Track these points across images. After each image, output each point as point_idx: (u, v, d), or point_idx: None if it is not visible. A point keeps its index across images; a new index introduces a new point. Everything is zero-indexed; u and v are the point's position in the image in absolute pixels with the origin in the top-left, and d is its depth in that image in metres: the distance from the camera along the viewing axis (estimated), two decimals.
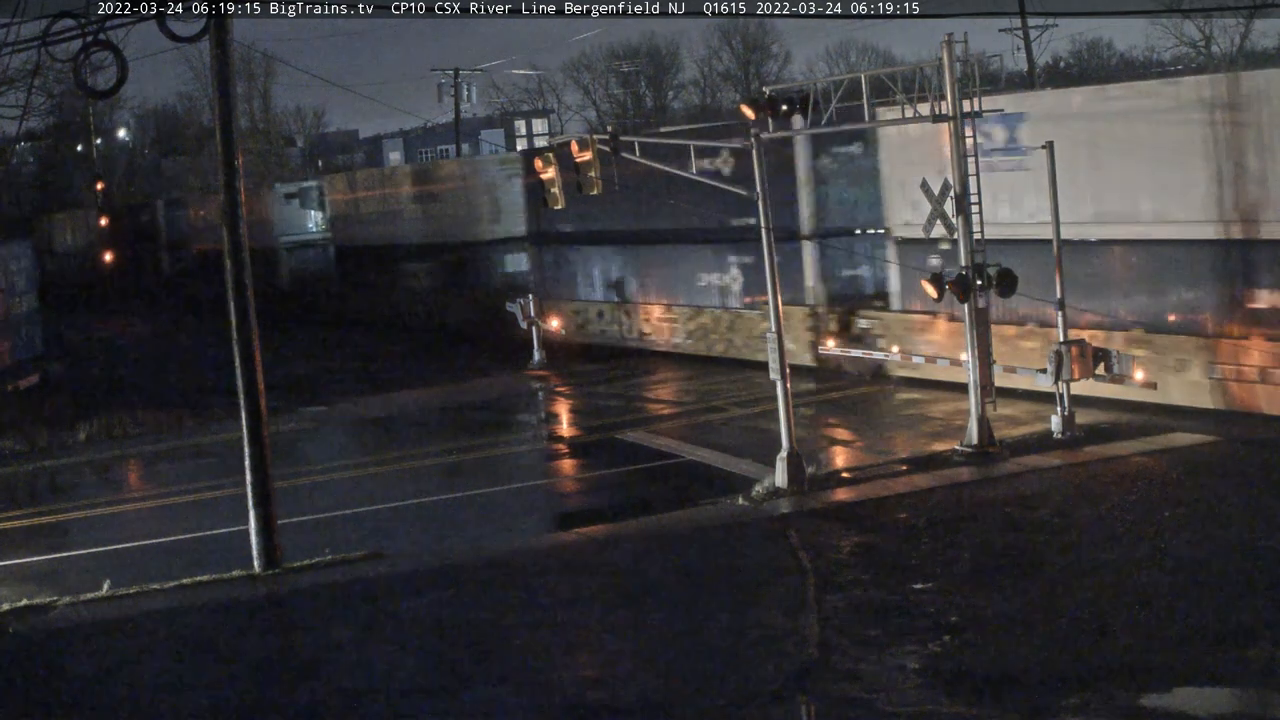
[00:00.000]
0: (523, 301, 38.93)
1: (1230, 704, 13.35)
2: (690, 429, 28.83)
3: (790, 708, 14.12)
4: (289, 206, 59.27)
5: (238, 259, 20.49)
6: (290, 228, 59.41)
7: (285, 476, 23.70)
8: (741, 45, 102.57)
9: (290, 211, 59.35)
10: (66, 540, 23.94)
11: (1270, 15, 54.87)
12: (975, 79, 24.41)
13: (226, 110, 20.44)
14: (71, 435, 32.29)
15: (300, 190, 60.48)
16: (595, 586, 18.50)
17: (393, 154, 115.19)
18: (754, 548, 19.62)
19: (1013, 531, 19.30)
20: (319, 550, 20.56)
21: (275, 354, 32.00)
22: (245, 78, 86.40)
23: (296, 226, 59.47)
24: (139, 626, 17.99)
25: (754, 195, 23.06)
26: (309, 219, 59.43)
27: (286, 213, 59.25)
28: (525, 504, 23.94)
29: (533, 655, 15.91)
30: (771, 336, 22.86)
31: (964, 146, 23.64)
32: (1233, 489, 20.63)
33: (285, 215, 59.29)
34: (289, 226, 59.38)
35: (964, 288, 23.35)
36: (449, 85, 73.57)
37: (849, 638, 15.63)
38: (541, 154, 26.91)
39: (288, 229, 59.26)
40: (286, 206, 59.24)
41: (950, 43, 23.43)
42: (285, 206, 59.26)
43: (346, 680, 15.60)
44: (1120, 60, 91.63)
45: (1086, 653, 14.55)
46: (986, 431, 23.74)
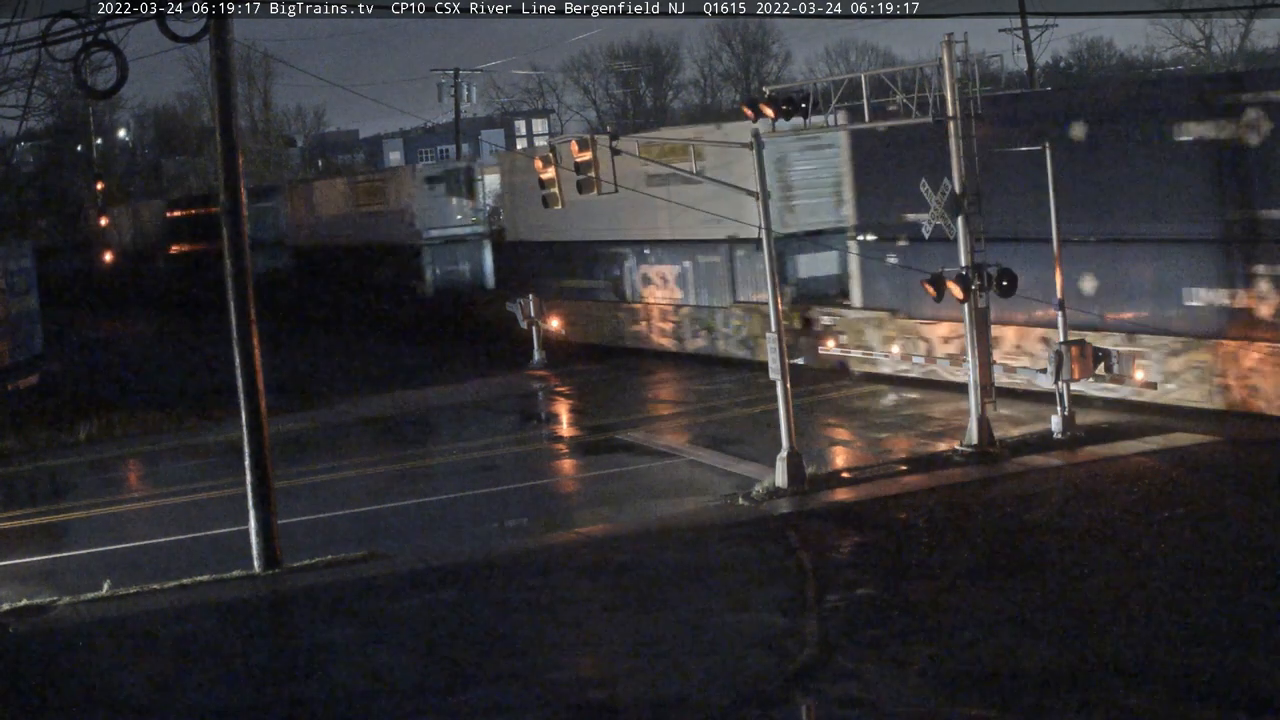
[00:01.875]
0: (523, 301, 38.78)
1: (1230, 704, 13.34)
2: (690, 428, 28.84)
3: (790, 708, 14.12)
4: (432, 193, 49.25)
5: (238, 258, 20.48)
6: (436, 218, 49.40)
7: (285, 476, 23.73)
8: (741, 45, 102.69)
9: (435, 200, 49.41)
10: (66, 540, 23.96)
11: (1270, 15, 54.89)
12: (975, 79, 24.41)
13: (226, 110, 20.44)
14: (73, 435, 32.30)
15: (446, 172, 50.49)
16: (595, 586, 18.50)
17: (393, 154, 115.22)
18: (754, 548, 19.63)
19: (1013, 532, 19.30)
20: (319, 550, 20.57)
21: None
22: (245, 78, 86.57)
23: (443, 217, 49.51)
24: (139, 626, 17.99)
25: (757, 195, 23.08)
26: (457, 209, 49.51)
27: (430, 201, 49.32)
28: (525, 504, 23.93)
29: (533, 655, 15.91)
30: (771, 336, 22.87)
31: (964, 146, 23.63)
32: (1233, 489, 20.63)
33: (429, 204, 49.33)
34: (434, 217, 49.37)
35: (964, 287, 23.34)
36: (449, 85, 73.56)
37: (849, 638, 15.63)
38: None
39: (432, 220, 49.34)
40: (430, 193, 49.22)
41: (950, 43, 23.44)
42: (428, 193, 49.24)
43: (346, 680, 15.61)
44: (1120, 60, 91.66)
45: (1086, 653, 14.55)
46: (986, 431, 23.74)
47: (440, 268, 49.12)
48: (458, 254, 49.29)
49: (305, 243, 57.70)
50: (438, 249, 49.02)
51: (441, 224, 49.08)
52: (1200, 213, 25.12)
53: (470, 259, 49.29)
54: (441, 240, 48.92)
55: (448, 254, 49.21)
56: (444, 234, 48.98)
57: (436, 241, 48.86)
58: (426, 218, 48.85)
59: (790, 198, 34.12)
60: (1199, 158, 25.14)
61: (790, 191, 34.14)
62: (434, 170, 50.96)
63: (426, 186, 49.01)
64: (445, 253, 49.20)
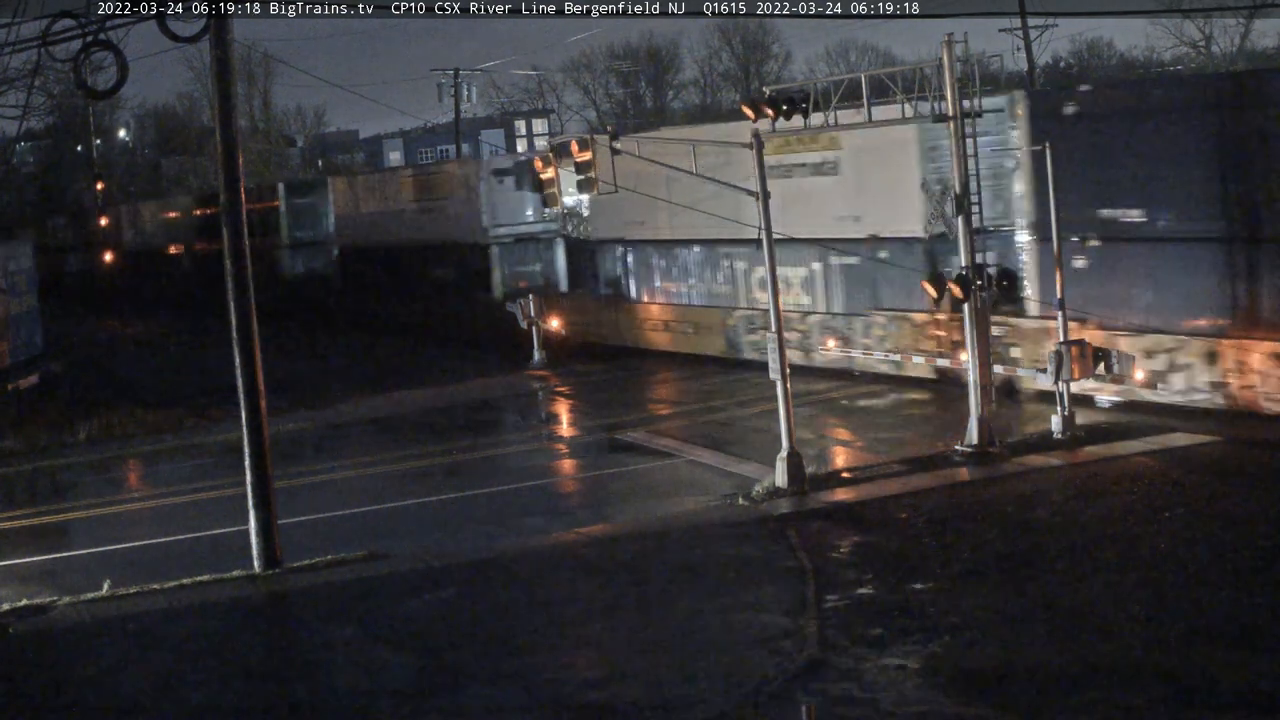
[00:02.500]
0: (523, 301, 38.70)
1: (1230, 704, 13.34)
2: (690, 428, 28.83)
3: (790, 708, 14.12)
4: (502, 187, 44.74)
5: (238, 259, 20.47)
6: (506, 214, 44.96)
7: (285, 476, 23.72)
8: (741, 45, 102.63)
9: (504, 194, 44.88)
10: (66, 540, 23.95)
11: (1270, 15, 54.90)
12: (975, 79, 24.42)
13: (226, 110, 20.44)
14: (73, 435, 32.30)
15: (517, 165, 45.51)
16: (595, 586, 18.49)
17: (393, 154, 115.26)
18: (754, 547, 19.62)
19: (1013, 531, 19.30)
20: (319, 550, 20.56)
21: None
22: (245, 78, 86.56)
23: (513, 214, 44.99)
24: (139, 626, 17.98)
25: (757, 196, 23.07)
26: (529, 204, 44.38)
27: (499, 196, 44.86)
28: (525, 504, 23.92)
29: (533, 655, 15.90)
30: (771, 336, 22.86)
31: (964, 146, 23.64)
32: (1233, 489, 20.63)
33: (498, 199, 44.90)
34: (504, 213, 44.90)
35: (965, 287, 23.35)
36: (449, 85, 73.57)
37: (849, 638, 15.63)
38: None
39: (502, 216, 44.90)
40: (499, 187, 44.78)
41: (950, 43, 23.45)
42: (498, 187, 44.77)
43: (346, 680, 15.61)
44: (1120, 60, 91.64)
45: (1086, 653, 14.55)
46: (986, 431, 23.74)
47: (509, 268, 44.89)
48: (529, 254, 45.08)
49: (354, 241, 53.59)
50: (507, 248, 44.95)
51: (511, 220, 44.88)
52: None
53: (542, 259, 45.13)
54: (511, 239, 44.82)
55: (518, 253, 45.04)
56: (514, 231, 44.85)
57: (506, 240, 44.72)
58: (496, 214, 44.71)
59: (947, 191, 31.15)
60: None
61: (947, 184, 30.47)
62: (504, 162, 46.77)
63: (495, 180, 44.74)
64: (515, 252, 45.07)
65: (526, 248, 44.91)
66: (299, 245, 58.00)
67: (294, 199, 58.61)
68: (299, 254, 58.16)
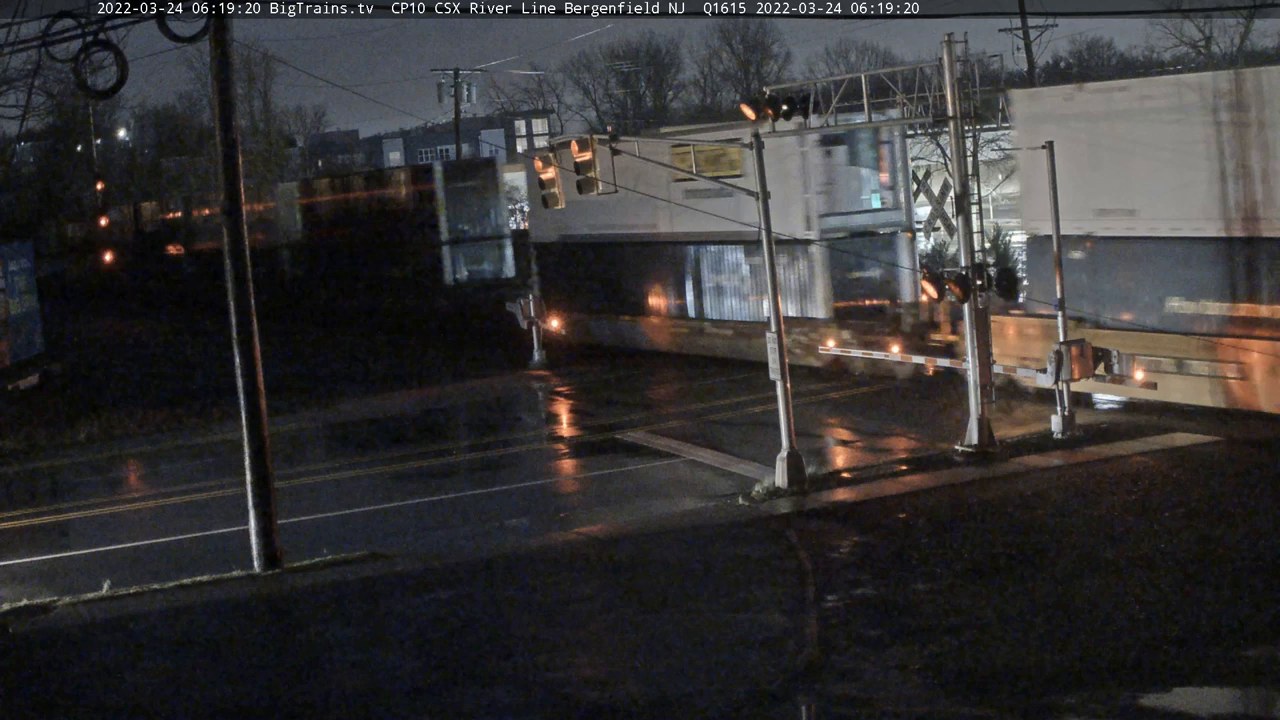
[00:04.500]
0: (523, 301, 38.61)
1: (1230, 704, 13.35)
2: (690, 428, 28.82)
3: (790, 708, 14.12)
4: (829, 162, 33.04)
5: (238, 258, 20.46)
6: (836, 200, 33.26)
7: (285, 476, 23.72)
8: (741, 45, 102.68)
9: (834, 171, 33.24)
10: (66, 540, 23.95)
11: (1270, 15, 54.90)
12: (975, 79, 24.42)
13: (226, 110, 20.44)
14: (73, 435, 32.30)
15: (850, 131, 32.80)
16: (595, 586, 18.50)
17: (393, 154, 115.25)
18: (754, 548, 19.62)
19: (1013, 531, 19.30)
20: (319, 550, 20.56)
21: None
22: (245, 78, 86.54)
23: (843, 199, 33.45)
24: (139, 626, 17.99)
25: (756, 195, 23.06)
26: (865, 185, 33.78)
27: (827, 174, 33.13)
28: (525, 504, 23.92)
29: (533, 655, 15.91)
30: (771, 336, 22.87)
31: (964, 146, 23.65)
32: (1233, 489, 20.63)
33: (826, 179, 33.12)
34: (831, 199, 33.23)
35: (965, 287, 23.36)
36: (449, 85, 73.52)
37: (849, 638, 15.63)
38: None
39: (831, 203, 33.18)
40: (826, 162, 32.98)
41: (950, 43, 23.45)
42: (824, 162, 32.96)
43: (346, 680, 15.60)
44: (1120, 60, 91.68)
45: (1086, 653, 14.55)
46: (986, 431, 23.74)
47: (841, 274, 33.17)
48: (865, 254, 33.56)
49: (555, 237, 41.00)
50: (839, 244, 33.11)
51: (844, 207, 33.19)
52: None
53: (881, 262, 33.68)
54: (844, 233, 33.07)
55: (851, 255, 33.28)
56: (846, 224, 33.18)
57: (838, 234, 32.95)
58: (824, 199, 32.97)
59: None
60: None
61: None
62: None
63: (822, 151, 32.70)
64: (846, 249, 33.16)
65: (862, 247, 33.23)
66: (458, 242, 47.60)
67: (456, 183, 47.87)
68: (459, 251, 47.70)
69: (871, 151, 33.27)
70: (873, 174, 33.39)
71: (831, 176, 33.05)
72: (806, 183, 32.70)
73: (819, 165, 32.78)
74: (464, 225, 47.90)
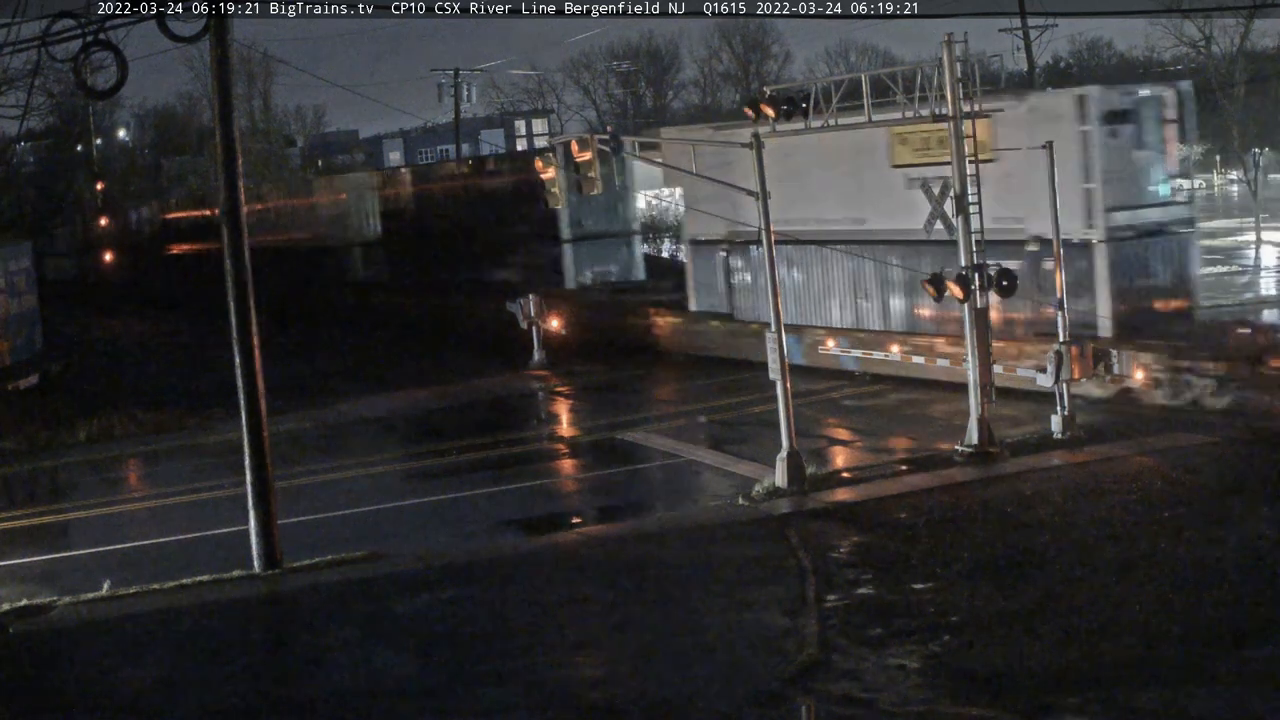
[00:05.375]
0: (523, 301, 38.53)
1: (1230, 704, 13.35)
2: (690, 429, 28.81)
3: (790, 708, 14.11)
4: (1115, 143, 27.48)
5: (237, 259, 20.46)
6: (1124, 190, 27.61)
7: (285, 476, 23.71)
8: (741, 45, 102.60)
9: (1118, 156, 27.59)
10: (66, 540, 23.95)
11: (1270, 15, 54.81)
12: (975, 79, 24.41)
13: (226, 110, 20.44)
14: (73, 435, 32.29)
15: (1139, 104, 28.05)
16: (595, 586, 18.49)
17: (393, 154, 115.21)
18: (754, 548, 19.62)
19: (1013, 531, 19.29)
20: (319, 550, 20.56)
21: None
22: (245, 78, 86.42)
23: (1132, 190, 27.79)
24: (139, 626, 17.98)
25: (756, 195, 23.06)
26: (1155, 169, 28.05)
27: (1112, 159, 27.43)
28: (525, 504, 23.91)
29: (533, 655, 15.90)
30: (771, 336, 22.86)
31: (964, 146, 23.62)
32: (1232, 489, 20.63)
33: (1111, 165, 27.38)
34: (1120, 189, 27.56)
35: (964, 287, 23.34)
36: (449, 85, 73.51)
37: (849, 638, 15.63)
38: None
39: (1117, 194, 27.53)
40: (1112, 143, 27.41)
41: (950, 43, 23.44)
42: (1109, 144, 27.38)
43: (346, 680, 15.60)
44: (1120, 60, 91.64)
45: (1086, 653, 14.55)
46: (986, 431, 23.73)
47: (1129, 280, 27.63)
48: (1152, 257, 28.06)
49: (722, 233, 34.10)
50: (1122, 247, 27.56)
51: (1132, 200, 27.78)
52: None
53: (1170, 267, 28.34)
54: (1131, 233, 27.69)
55: (1137, 257, 27.81)
56: (1134, 220, 27.75)
57: (1125, 234, 27.55)
58: (1109, 188, 27.36)
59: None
60: None
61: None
62: (1120, 101, 28.02)
63: (1107, 131, 27.43)
64: (1134, 255, 27.80)
65: (1148, 248, 27.98)
66: (580, 239, 42.35)
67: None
68: (581, 249, 42.43)
69: (1158, 131, 27.84)
70: (1159, 157, 27.81)
71: (1119, 162, 27.50)
72: (1088, 170, 27.10)
73: (1103, 147, 27.23)
74: (588, 220, 41.93)
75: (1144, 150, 27.65)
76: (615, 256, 41.43)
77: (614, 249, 42.68)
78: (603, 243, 41.70)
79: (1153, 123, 27.78)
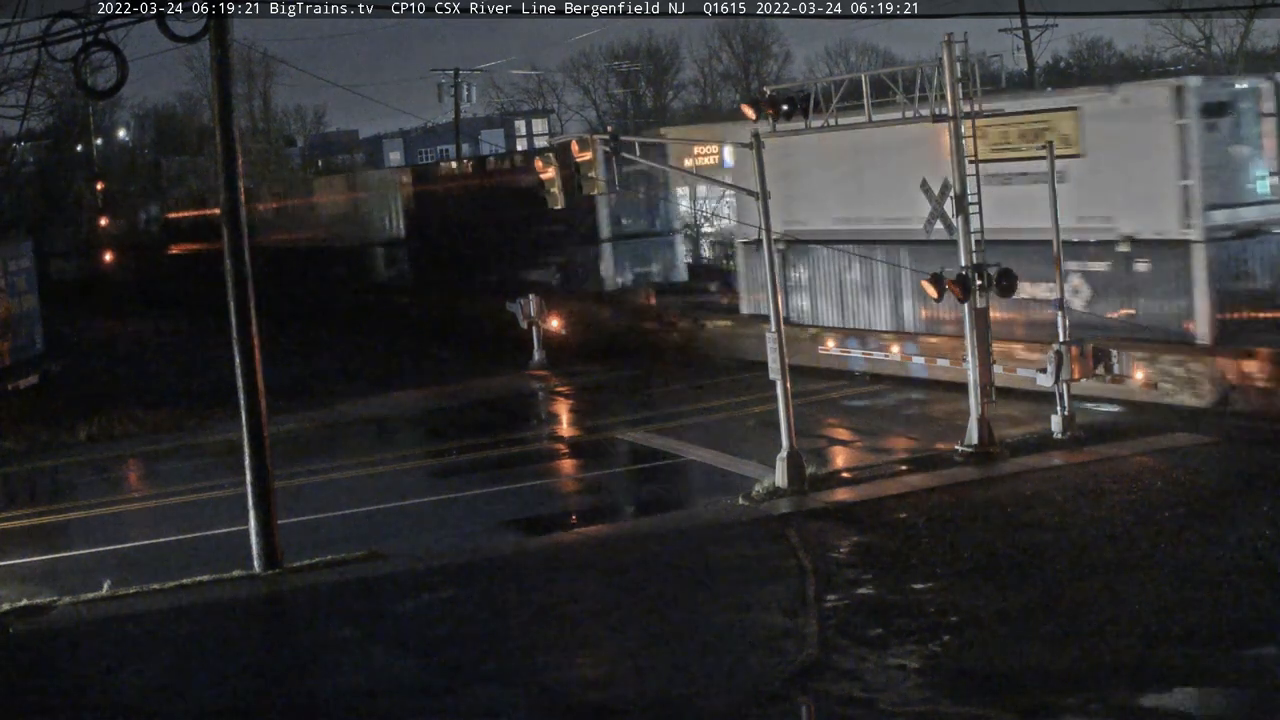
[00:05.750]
0: (523, 301, 38.50)
1: (1230, 704, 13.35)
2: (690, 429, 28.80)
3: (790, 708, 14.11)
4: (1213, 136, 25.88)
5: (237, 259, 20.46)
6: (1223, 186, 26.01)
7: (284, 476, 23.70)
8: (741, 45, 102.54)
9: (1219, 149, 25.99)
10: (66, 540, 23.95)
11: (1270, 15, 54.84)
12: (975, 79, 24.40)
13: (226, 110, 20.45)
14: (73, 435, 32.29)
15: (1237, 95, 26.51)
16: (595, 586, 18.50)
17: (393, 154, 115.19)
18: (754, 548, 19.62)
19: (1013, 531, 19.29)
20: (319, 550, 20.56)
21: None
22: (245, 78, 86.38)
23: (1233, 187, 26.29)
24: (139, 626, 17.99)
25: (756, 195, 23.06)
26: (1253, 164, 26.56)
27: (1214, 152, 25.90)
28: (525, 504, 23.91)
29: (532, 655, 15.91)
30: (771, 336, 22.85)
31: (964, 146, 23.63)
32: (1233, 489, 20.63)
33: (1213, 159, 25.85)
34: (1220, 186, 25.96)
35: (964, 287, 23.33)
36: (449, 85, 73.46)
37: (849, 638, 15.63)
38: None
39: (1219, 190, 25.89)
40: (1209, 136, 25.79)
41: (950, 43, 23.44)
42: (1206, 136, 25.75)
43: (346, 680, 15.60)
44: (1120, 60, 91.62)
45: (1086, 653, 14.55)
46: (987, 431, 23.73)
47: (1227, 283, 26.13)
48: (1259, 260, 26.44)
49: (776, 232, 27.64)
50: (1225, 246, 25.99)
51: (1232, 197, 26.13)
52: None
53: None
54: (1230, 233, 25.99)
55: (1239, 260, 26.29)
56: (1234, 219, 26.02)
57: (1223, 234, 25.92)
58: (1209, 184, 25.68)
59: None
60: None
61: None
62: (1219, 93, 26.52)
63: (1205, 123, 25.81)
64: (1233, 258, 26.21)
65: (1246, 249, 26.29)
66: (621, 238, 41.22)
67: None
68: (626, 252, 41.29)
69: (1255, 124, 26.32)
70: (1257, 152, 26.29)
71: (1216, 157, 25.95)
72: (1186, 165, 25.51)
73: (1200, 142, 25.63)
74: (627, 219, 40.84)
75: (1242, 145, 26.27)
76: (657, 257, 40.34)
77: (655, 249, 41.52)
78: (643, 242, 40.56)
79: (1250, 116, 26.27)
